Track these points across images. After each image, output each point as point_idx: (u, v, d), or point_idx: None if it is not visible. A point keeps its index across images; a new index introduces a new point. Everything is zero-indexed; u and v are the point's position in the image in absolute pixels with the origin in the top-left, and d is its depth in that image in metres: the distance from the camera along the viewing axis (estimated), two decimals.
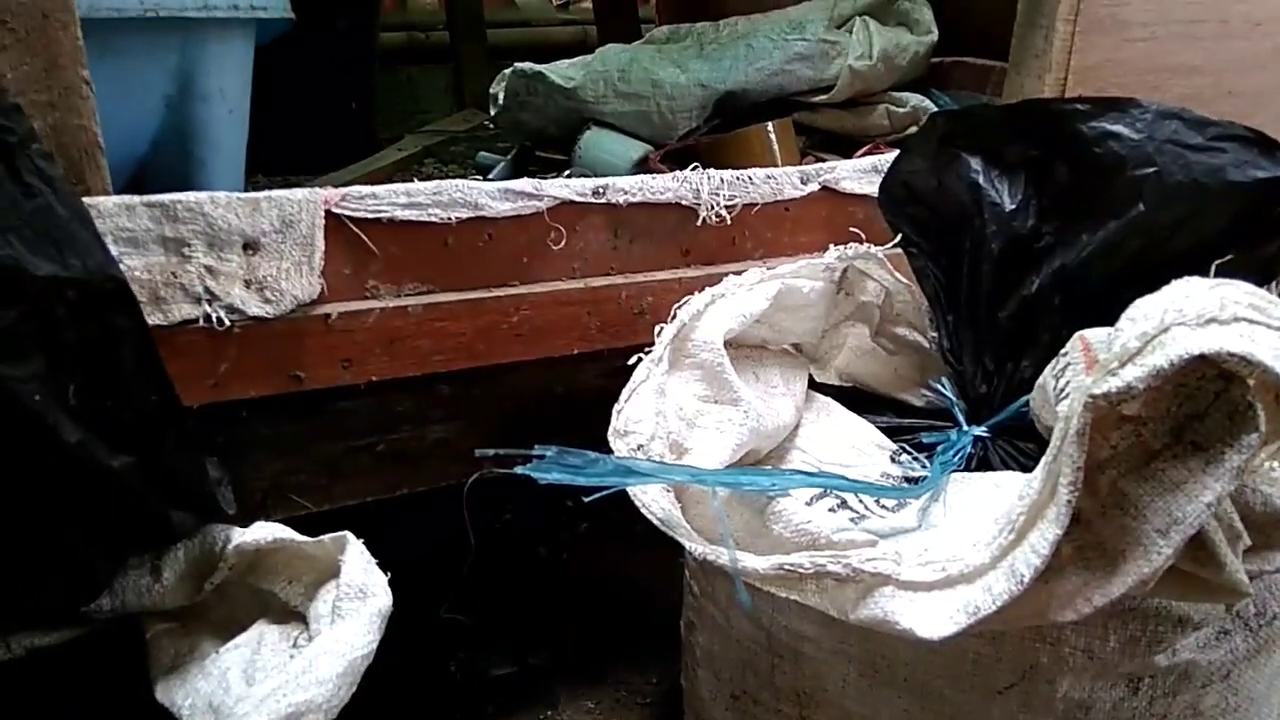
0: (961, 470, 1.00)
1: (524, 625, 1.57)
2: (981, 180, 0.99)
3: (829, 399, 1.10)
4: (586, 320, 1.17)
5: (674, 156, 1.64)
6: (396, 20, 2.85)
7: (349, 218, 1.02)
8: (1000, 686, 0.85)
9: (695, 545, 0.75)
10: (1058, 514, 0.69)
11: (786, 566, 0.74)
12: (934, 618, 0.73)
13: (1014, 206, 0.98)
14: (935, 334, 1.11)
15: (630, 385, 0.85)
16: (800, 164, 1.57)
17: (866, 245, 1.08)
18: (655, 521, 0.76)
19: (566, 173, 1.62)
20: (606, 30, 2.57)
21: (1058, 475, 0.70)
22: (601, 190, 1.16)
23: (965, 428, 1.03)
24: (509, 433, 1.24)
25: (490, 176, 1.81)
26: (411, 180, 1.92)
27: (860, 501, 0.91)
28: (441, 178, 1.92)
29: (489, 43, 2.64)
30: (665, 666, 1.38)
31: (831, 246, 1.05)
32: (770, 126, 1.58)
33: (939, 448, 1.01)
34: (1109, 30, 1.47)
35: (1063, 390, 0.82)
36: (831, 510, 0.88)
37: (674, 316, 0.89)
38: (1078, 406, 0.68)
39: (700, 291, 1.00)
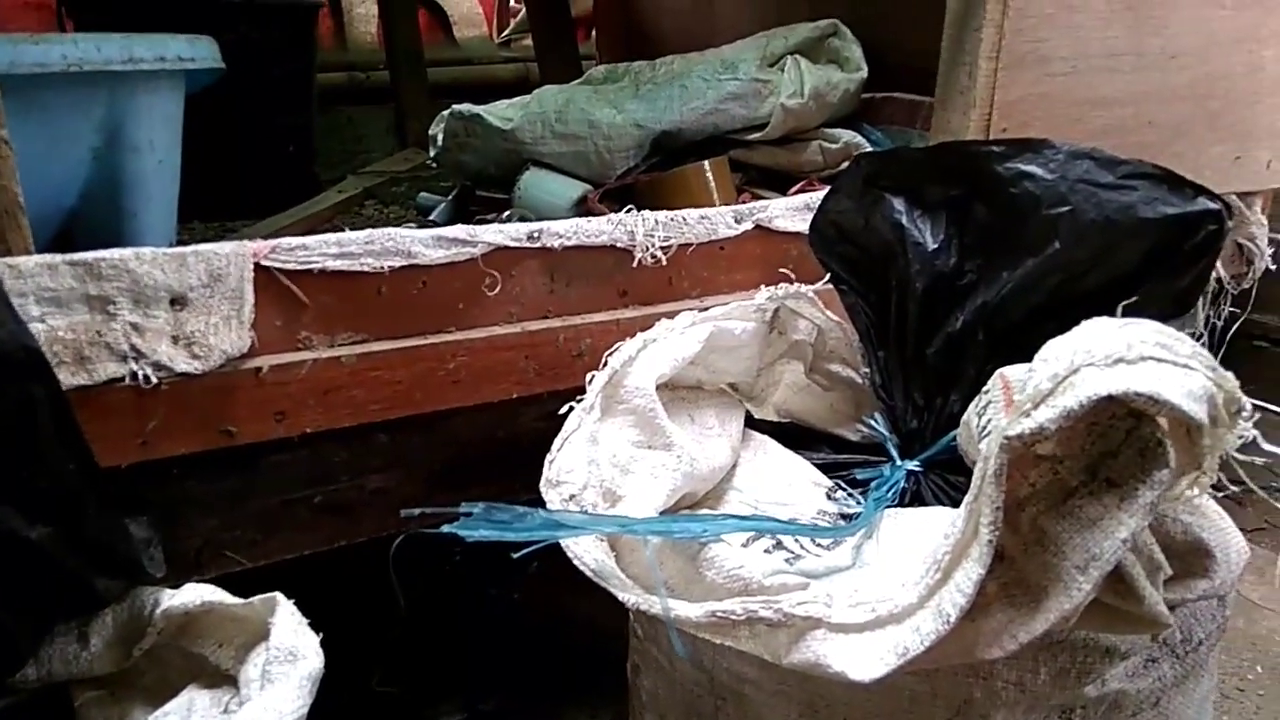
0: (896, 505, 1.01)
1: (473, 669, 1.55)
2: (905, 220, 1.01)
3: (766, 437, 1.11)
4: (525, 364, 1.17)
5: (614, 195, 1.66)
6: (337, 60, 2.85)
7: (279, 270, 1.02)
8: None
9: (628, 595, 0.75)
10: (980, 553, 0.70)
11: (719, 613, 0.74)
12: (865, 660, 0.74)
13: (936, 246, 1.00)
14: (868, 370, 1.13)
15: (562, 434, 0.85)
16: (738, 200, 1.60)
17: (797, 285, 1.10)
18: (588, 573, 0.76)
19: (507, 214, 1.63)
20: (547, 68, 2.59)
21: (979, 515, 0.71)
22: (536, 235, 1.16)
23: (898, 463, 1.05)
24: (449, 480, 1.23)
25: (431, 217, 1.81)
26: (353, 221, 1.92)
27: (796, 541, 0.91)
28: (383, 219, 1.93)
29: (430, 81, 2.64)
30: (615, 709, 1.38)
31: (762, 287, 1.07)
32: (707, 165, 1.60)
33: (873, 483, 1.02)
34: (1030, 66, 1.51)
35: (985, 428, 0.84)
36: (767, 551, 0.89)
37: (605, 364, 0.89)
38: (994, 448, 0.69)
39: (638, 332, 1.00)
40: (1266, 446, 0.80)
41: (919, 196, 1.02)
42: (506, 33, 3.26)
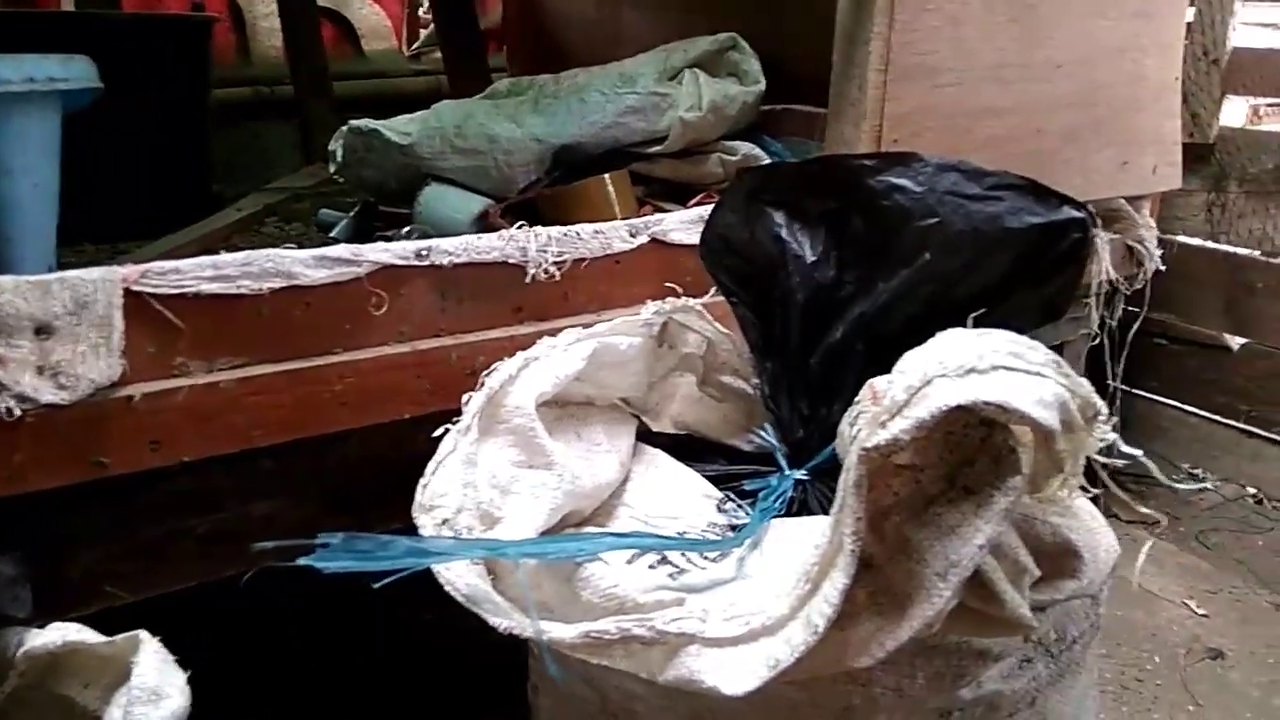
0: (783, 514, 1.02)
1: (381, 690, 1.53)
2: (785, 233, 1.02)
3: (658, 451, 1.11)
4: (417, 384, 1.16)
5: (516, 210, 1.65)
6: (240, 74, 2.79)
7: (151, 294, 0.99)
8: None
9: (500, 620, 0.74)
10: (845, 563, 0.71)
11: (593, 633, 0.74)
12: (737, 673, 0.74)
13: (815, 258, 1.01)
14: (758, 381, 1.14)
15: (436, 457, 0.84)
16: (639, 213, 1.60)
17: (684, 298, 1.10)
18: (459, 598, 0.75)
19: (406, 229, 1.61)
20: (457, 81, 2.58)
21: (842, 525, 0.72)
22: (425, 252, 1.15)
23: (786, 472, 1.06)
24: (344, 504, 1.21)
25: (332, 234, 1.78)
26: (253, 240, 1.89)
27: (684, 555, 0.92)
28: (284, 236, 1.89)
29: (339, 95, 2.60)
30: None
31: (649, 302, 1.07)
32: (608, 178, 1.61)
33: (761, 494, 1.03)
34: (919, 78, 1.54)
35: (855, 437, 0.85)
36: (651, 567, 0.89)
37: (482, 384, 0.89)
38: (853, 459, 0.71)
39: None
40: (1125, 449, 0.83)
41: (798, 210, 1.04)
42: (416, 46, 3.24)
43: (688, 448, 1.18)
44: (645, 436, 1.18)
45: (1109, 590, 1.75)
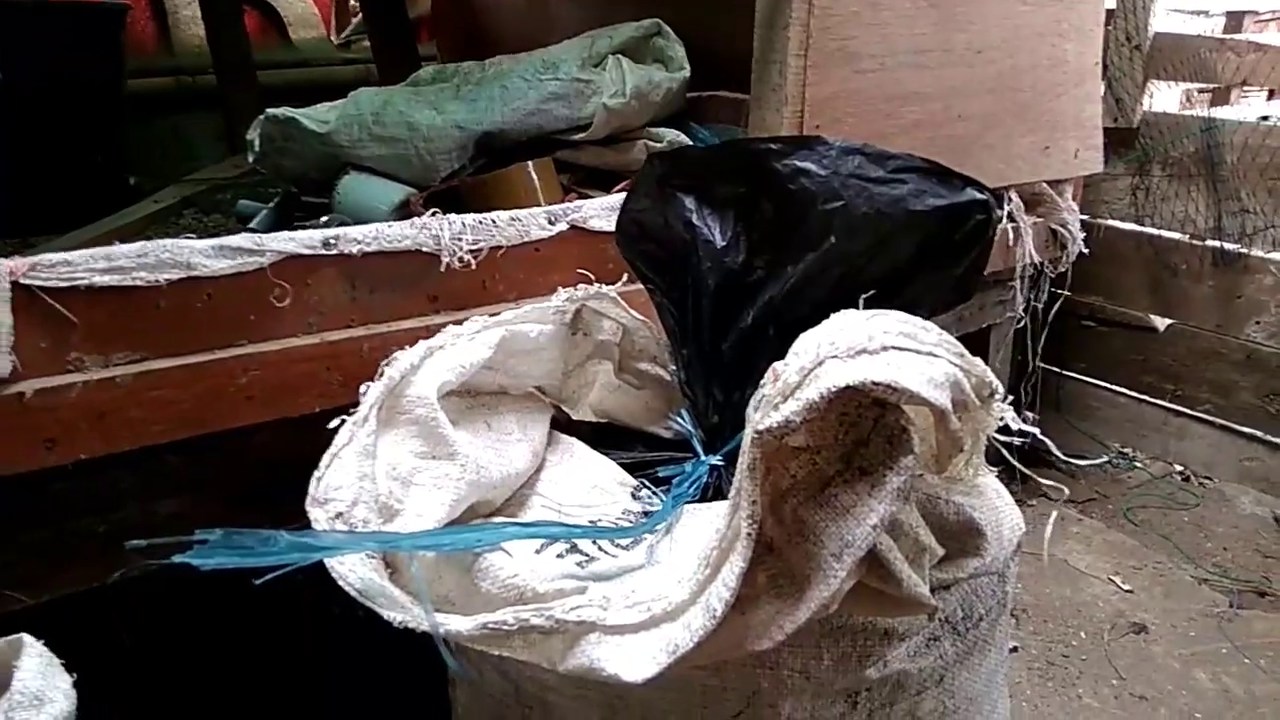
0: (698, 500, 1.02)
1: (302, 687, 1.50)
2: (695, 219, 1.02)
3: (574, 440, 1.10)
4: (327, 376, 1.14)
5: (439, 198, 1.62)
6: (161, 63, 2.72)
7: (41, 288, 0.96)
8: (728, 715, 0.86)
9: (394, 614, 0.73)
10: (742, 547, 0.71)
11: (490, 625, 0.73)
12: (638, 660, 0.74)
13: (725, 243, 1.01)
14: (675, 367, 1.13)
15: (331, 450, 0.82)
16: (564, 201, 1.58)
17: (598, 285, 1.09)
18: (352, 593, 0.73)
19: (324, 219, 1.58)
20: (386, 69, 2.53)
21: (739, 509, 0.72)
22: (333, 241, 1.13)
23: (702, 458, 1.05)
24: (254, 501, 1.18)
25: (251, 225, 1.74)
26: (169, 232, 1.84)
27: (595, 544, 0.91)
28: (202, 229, 1.85)
29: (266, 84, 2.54)
30: None
31: (560, 289, 1.06)
32: (531, 165, 1.59)
33: (675, 480, 1.03)
34: (839, 63, 1.55)
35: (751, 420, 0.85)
36: (560, 556, 0.88)
37: (381, 374, 0.87)
38: (747, 443, 0.70)
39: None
40: (1017, 426, 0.83)
41: (708, 195, 1.03)
42: (345, 34, 3.18)
43: (609, 435, 1.17)
44: (565, 426, 1.17)
45: (1045, 569, 1.78)
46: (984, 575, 0.88)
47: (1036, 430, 0.83)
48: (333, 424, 0.84)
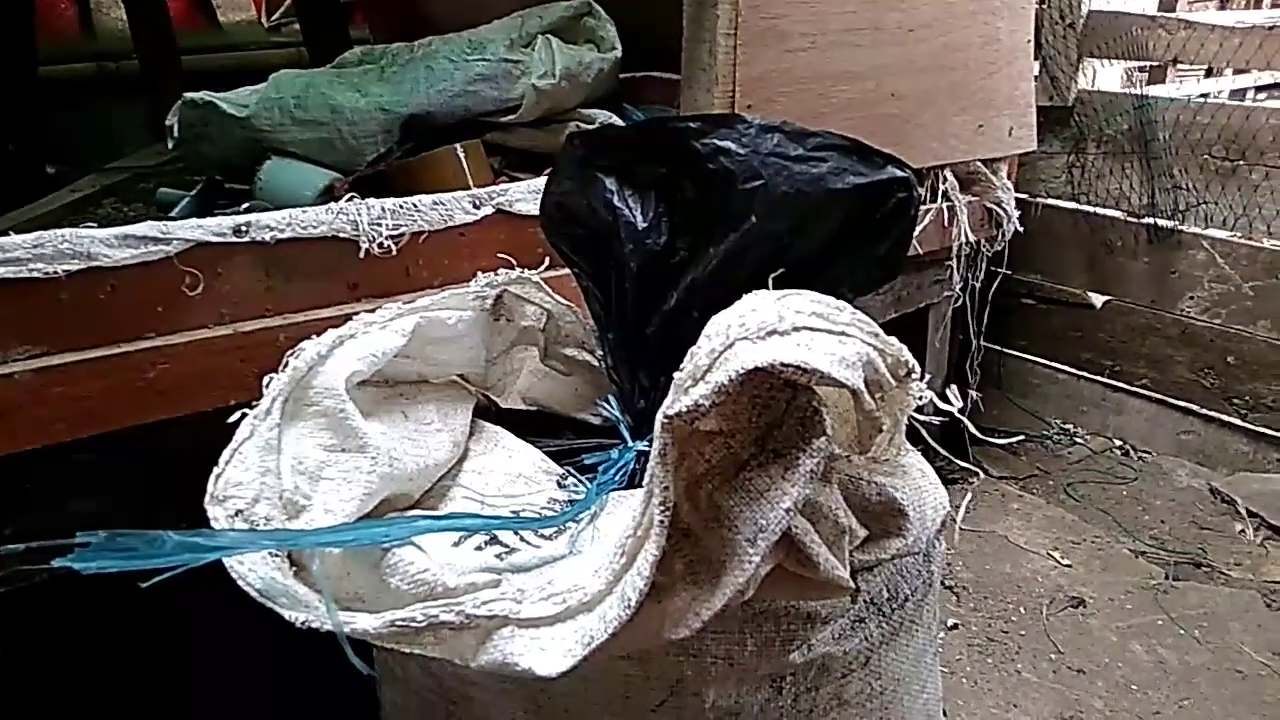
0: (625, 487, 1.00)
1: (237, 692, 1.47)
2: (616, 200, 0.99)
3: (499, 429, 1.07)
4: (241, 368, 1.10)
5: (367, 183, 1.58)
6: (82, 49, 2.62)
7: None
8: (653, 705, 0.85)
9: (296, 614, 0.70)
10: (656, 535, 0.69)
11: (398, 622, 0.71)
12: (552, 653, 0.72)
13: (647, 224, 0.98)
14: (602, 352, 1.11)
15: (231, 445, 0.79)
16: (495, 184, 1.55)
17: (519, 270, 1.07)
18: (252, 594, 0.70)
19: (245, 205, 1.53)
20: (317, 53, 2.47)
21: (652, 496, 0.70)
22: (244, 228, 1.09)
23: (629, 444, 1.04)
24: (174, 498, 1.15)
25: (173, 214, 1.68)
26: (86, 222, 1.77)
27: (517, 535, 0.89)
28: (122, 218, 1.78)
29: (194, 69, 2.47)
30: None
31: (479, 274, 1.03)
32: (459, 148, 1.55)
33: (601, 467, 1.01)
34: (770, 42, 1.53)
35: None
36: (479, 549, 0.85)
37: (286, 365, 0.84)
38: (658, 428, 0.68)
39: None
40: (942, 405, 0.83)
41: (629, 176, 1.01)
42: (276, 16, 3.10)
43: (538, 423, 1.15)
44: (496, 414, 1.15)
45: (986, 546, 1.79)
46: (907, 555, 0.88)
47: (956, 409, 0.82)
48: (233, 418, 0.81)
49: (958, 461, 1.03)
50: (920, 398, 0.81)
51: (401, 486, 0.89)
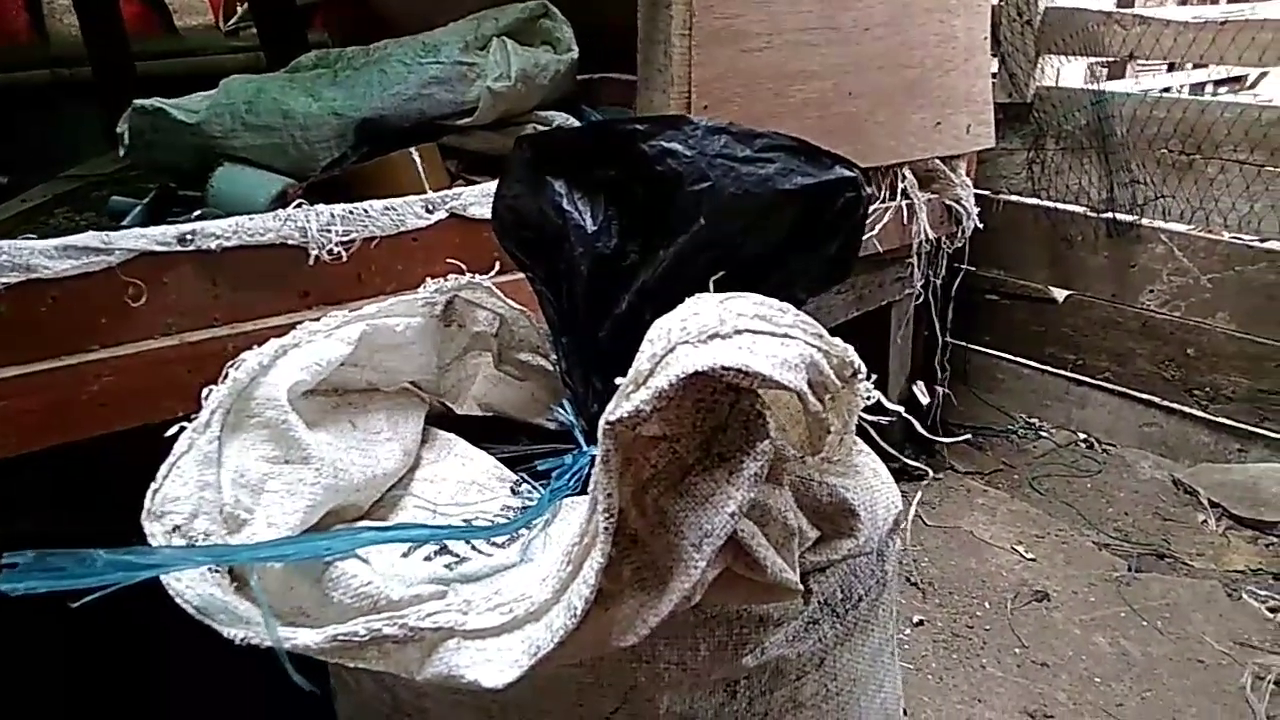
0: (580, 493, 0.99)
1: (197, 702, 1.44)
2: (565, 204, 0.99)
3: (452, 436, 1.06)
4: (189, 379, 1.08)
5: (322, 188, 1.57)
6: (36, 55, 2.58)
7: None
8: (606, 712, 0.84)
9: (235, 630, 0.69)
10: (602, 542, 0.69)
11: (340, 637, 0.70)
12: (499, 664, 0.71)
13: (596, 228, 0.98)
14: (556, 357, 1.10)
15: (169, 459, 0.77)
16: (451, 188, 1.54)
17: (470, 275, 1.06)
18: (190, 610, 0.69)
19: (197, 212, 1.51)
20: (275, 57, 2.44)
21: (597, 504, 0.69)
22: (189, 237, 1.08)
23: (584, 449, 1.03)
24: (121, 511, 1.13)
25: (124, 223, 1.66)
26: (39, 233, 1.74)
27: (469, 544, 0.88)
28: (74, 227, 1.75)
29: (151, 75, 2.44)
30: None
31: (428, 280, 1.02)
32: (415, 152, 1.54)
33: (554, 473, 1.00)
34: (725, 42, 1.53)
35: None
36: (428, 559, 0.84)
37: (226, 376, 0.82)
38: (600, 434, 0.68)
39: None
40: (890, 405, 0.83)
41: (579, 179, 1.00)
42: (233, 21, 3.06)
43: (494, 429, 1.14)
44: (452, 421, 1.13)
45: (952, 542, 1.79)
46: (860, 555, 0.87)
47: (902, 409, 0.82)
48: (170, 431, 0.79)
49: (906, 461, 1.03)
50: (868, 398, 0.81)
51: (349, 497, 0.87)
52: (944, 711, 1.57)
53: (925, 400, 2.42)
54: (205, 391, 0.81)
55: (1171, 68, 3.62)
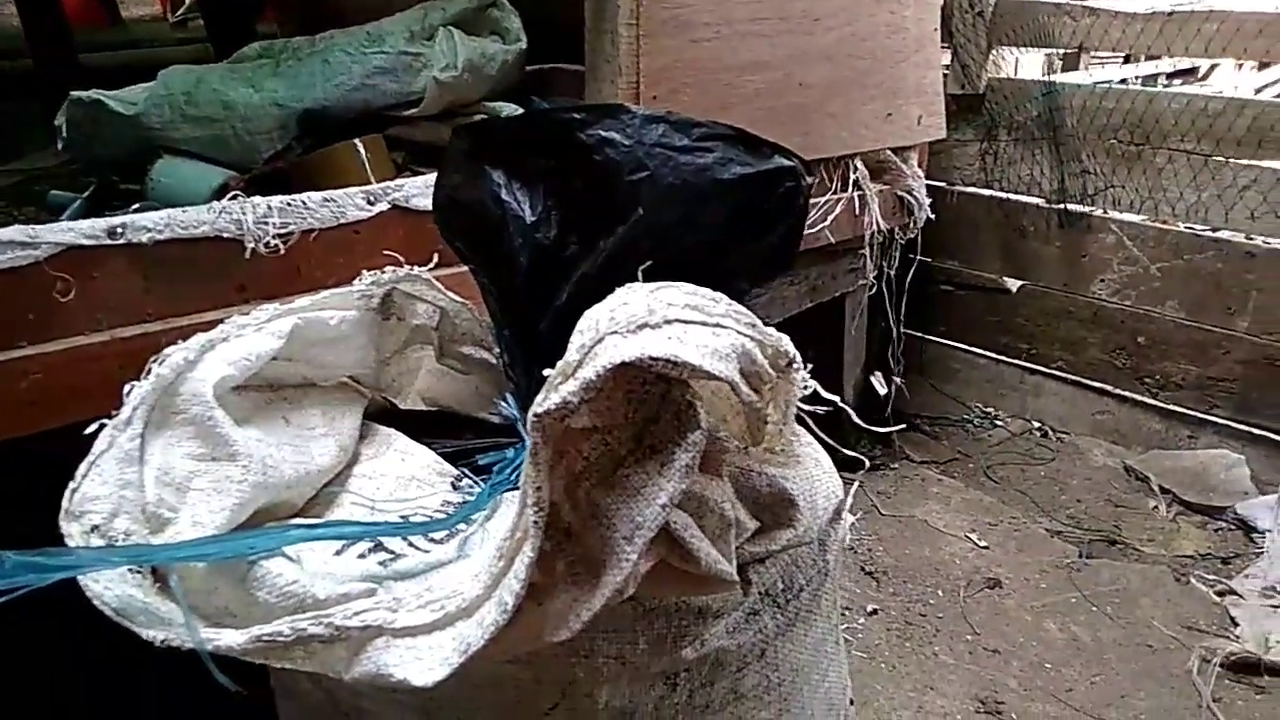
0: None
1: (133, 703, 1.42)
2: (504, 194, 0.97)
3: (392, 431, 1.05)
4: (121, 375, 1.04)
5: (266, 181, 1.54)
6: None
7: None
8: (545, 708, 0.83)
9: (154, 633, 0.67)
10: (532, 536, 0.68)
11: (264, 637, 0.68)
12: (429, 662, 0.70)
13: (536, 218, 0.96)
14: (499, 350, 1.09)
15: (89, 458, 0.75)
16: (398, 179, 1.52)
17: (409, 267, 1.04)
18: (108, 612, 0.67)
19: (135, 206, 1.48)
20: (222, 48, 2.40)
21: (527, 497, 0.68)
22: (119, 230, 1.05)
23: (527, 442, 1.02)
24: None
25: (64, 217, 1.62)
26: None
27: (406, 540, 0.86)
28: (12, 222, 1.71)
29: (96, 67, 2.39)
30: None
31: (364, 272, 1.00)
32: (359, 143, 1.52)
33: (495, 467, 0.99)
34: (673, 32, 1.52)
35: None
36: (362, 556, 0.83)
37: (149, 371, 0.80)
38: (529, 427, 0.67)
39: None
40: (826, 395, 0.82)
41: (517, 168, 0.98)
42: (181, 12, 3.01)
43: (438, 424, 1.13)
44: (396, 415, 1.12)
45: (907, 531, 1.79)
46: (800, 545, 0.87)
47: (838, 399, 0.82)
48: (90, 429, 0.77)
49: (847, 453, 1.03)
50: (806, 388, 0.80)
51: (279, 495, 0.86)
52: (896, 700, 1.58)
53: (883, 390, 2.44)
54: (127, 388, 0.79)
55: (1128, 59, 3.66)
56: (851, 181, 1.88)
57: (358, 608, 0.70)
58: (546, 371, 0.70)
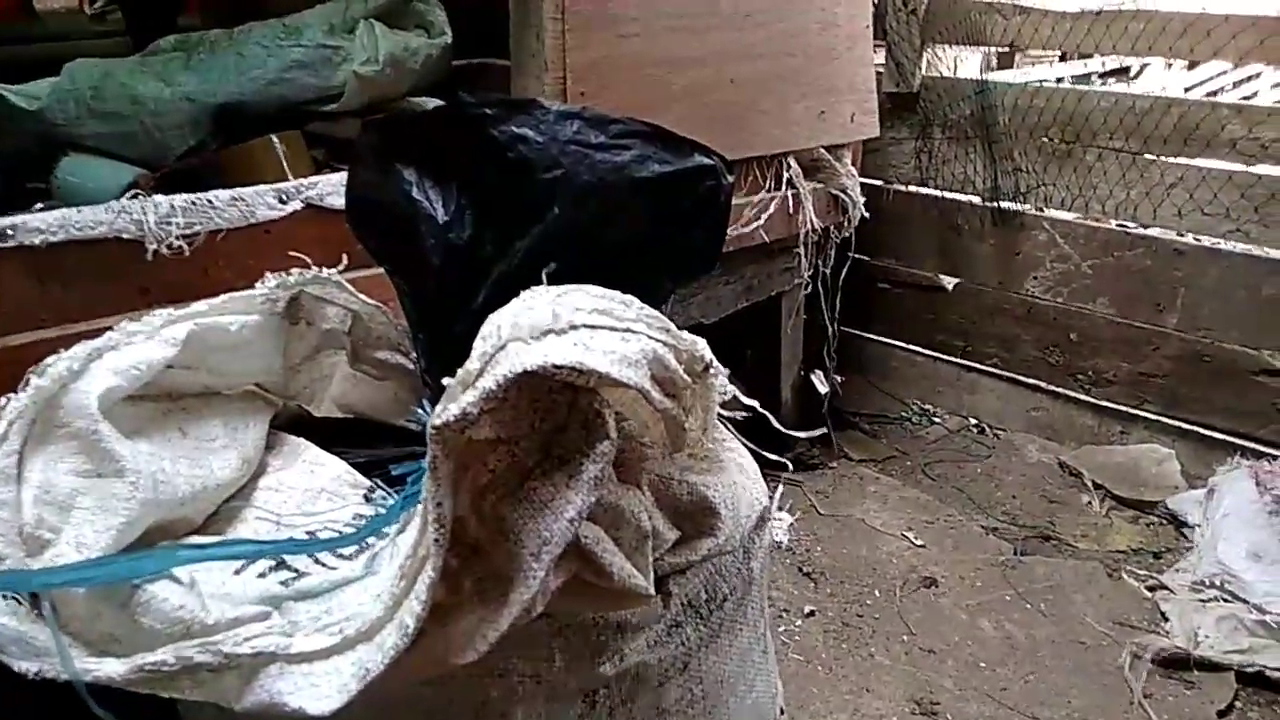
0: None
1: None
2: (415, 192, 0.93)
3: (301, 441, 1.00)
4: (13, 386, 0.99)
5: (176, 179, 1.48)
6: None
7: None
8: None
9: (27, 664, 0.62)
10: (434, 556, 0.64)
11: (148, 667, 0.64)
12: (325, 689, 0.66)
13: (449, 217, 0.93)
14: (415, 354, 1.05)
15: None
16: (315, 176, 1.46)
17: (316, 269, 1.00)
18: None
19: (38, 206, 1.41)
20: (142, 42, 2.31)
21: (427, 514, 0.65)
22: (10, 232, 0.99)
23: None
24: None
25: None
26: None
27: (311, 558, 0.82)
28: None
29: (10, 60, 2.28)
30: None
31: (268, 275, 0.96)
32: (275, 139, 1.46)
33: (410, 478, 0.95)
34: (600, 27, 1.49)
35: None
36: (262, 575, 0.79)
37: (27, 383, 0.75)
38: (428, 440, 0.63)
39: None
40: (746, 401, 0.80)
41: (429, 166, 0.95)
42: (98, 5, 2.90)
43: (354, 433, 1.08)
44: (309, 424, 1.07)
45: (844, 530, 1.78)
46: (723, 554, 0.85)
47: (758, 404, 0.80)
48: None
49: (767, 455, 1.00)
50: (724, 393, 0.78)
51: (174, 511, 0.81)
52: (832, 703, 1.57)
53: (824, 390, 2.43)
54: (2, 400, 0.73)
55: (1064, 58, 3.70)
56: (785, 180, 1.87)
57: (249, 633, 0.66)
58: (447, 381, 0.67)
